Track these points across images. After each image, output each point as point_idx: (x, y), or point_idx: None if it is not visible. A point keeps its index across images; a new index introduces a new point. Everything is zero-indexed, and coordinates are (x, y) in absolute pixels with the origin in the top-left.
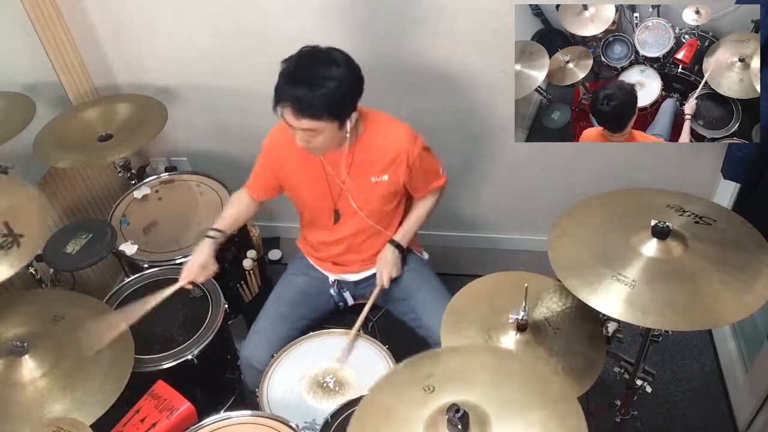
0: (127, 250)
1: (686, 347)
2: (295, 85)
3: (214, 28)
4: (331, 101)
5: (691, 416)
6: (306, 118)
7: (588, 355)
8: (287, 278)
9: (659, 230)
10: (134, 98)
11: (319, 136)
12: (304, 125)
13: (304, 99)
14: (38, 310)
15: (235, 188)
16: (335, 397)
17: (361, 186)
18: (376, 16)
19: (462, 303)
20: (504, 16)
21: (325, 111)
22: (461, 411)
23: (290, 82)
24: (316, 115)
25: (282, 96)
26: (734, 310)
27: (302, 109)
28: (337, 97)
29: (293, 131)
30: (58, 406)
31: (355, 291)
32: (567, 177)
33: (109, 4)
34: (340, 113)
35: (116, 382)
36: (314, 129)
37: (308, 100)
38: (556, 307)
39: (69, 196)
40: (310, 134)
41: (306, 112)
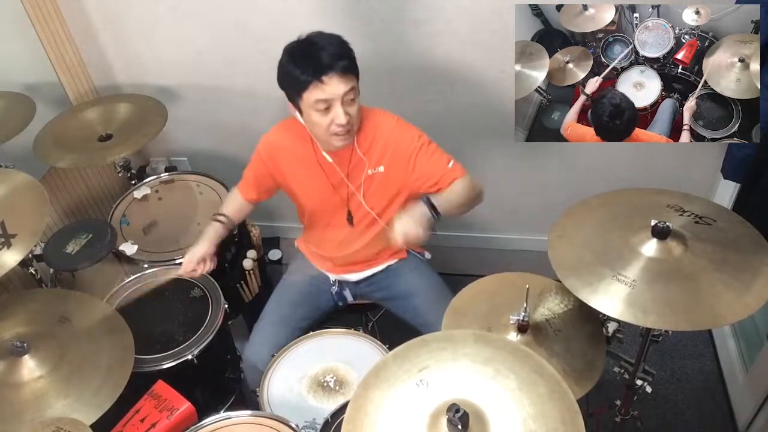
0: (127, 250)
1: (686, 347)
2: (317, 54)
3: (214, 28)
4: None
5: (691, 416)
6: (350, 74)
7: (588, 357)
8: (288, 279)
9: (659, 230)
10: (134, 98)
11: (355, 102)
12: (350, 83)
13: (337, 56)
14: (43, 310)
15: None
16: (335, 396)
17: (362, 180)
18: (376, 16)
19: (463, 303)
20: (504, 16)
21: (352, 62)
22: (461, 411)
23: (311, 57)
24: (352, 68)
25: (317, 69)
26: (734, 310)
27: (343, 65)
28: (349, 47)
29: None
30: (58, 405)
31: (355, 290)
32: (567, 177)
33: (109, 4)
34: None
35: (116, 382)
36: (354, 88)
37: (340, 54)
38: (556, 308)
39: (69, 196)
40: (351, 98)
41: (347, 66)
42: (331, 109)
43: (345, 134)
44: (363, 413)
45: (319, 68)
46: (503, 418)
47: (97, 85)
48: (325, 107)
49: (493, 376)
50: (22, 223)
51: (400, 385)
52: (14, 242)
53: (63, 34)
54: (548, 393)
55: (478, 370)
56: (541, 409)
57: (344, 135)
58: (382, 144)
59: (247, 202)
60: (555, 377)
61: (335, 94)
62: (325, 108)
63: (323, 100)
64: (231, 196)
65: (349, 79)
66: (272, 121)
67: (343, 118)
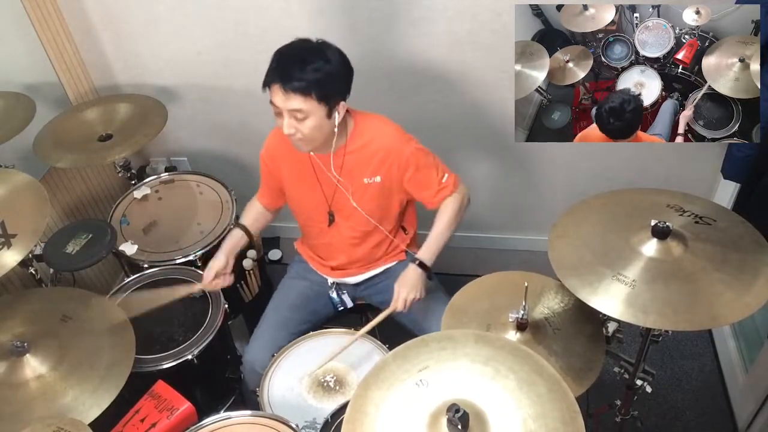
0: (127, 250)
1: (686, 347)
2: (285, 62)
3: (214, 28)
4: (320, 81)
5: (691, 416)
6: (295, 94)
7: (588, 356)
8: (287, 282)
9: (659, 230)
10: (134, 98)
11: (307, 122)
12: (293, 104)
13: (293, 74)
14: (45, 309)
15: (235, 188)
16: (336, 396)
17: (355, 188)
18: (376, 16)
19: (463, 302)
20: (504, 16)
21: (313, 88)
22: (461, 411)
23: (281, 60)
24: (305, 92)
25: (271, 74)
26: (734, 310)
27: (291, 83)
28: (327, 78)
29: (281, 121)
30: (58, 405)
31: (354, 293)
32: (567, 177)
33: (109, 4)
34: (328, 97)
35: (116, 382)
36: (302, 110)
37: (297, 74)
38: (556, 306)
39: (69, 196)
40: (299, 118)
41: (295, 87)
42: (281, 116)
43: (296, 143)
44: (363, 413)
45: (273, 75)
46: (503, 418)
47: (97, 85)
48: (276, 111)
49: (493, 375)
50: (22, 223)
51: (400, 385)
52: (14, 242)
53: (63, 34)
54: (548, 393)
55: (478, 370)
56: (541, 409)
57: (297, 142)
58: (381, 155)
59: (264, 208)
60: (555, 377)
61: (279, 105)
62: (277, 112)
63: (273, 104)
64: (250, 204)
65: (296, 100)
66: (272, 121)
67: (286, 129)
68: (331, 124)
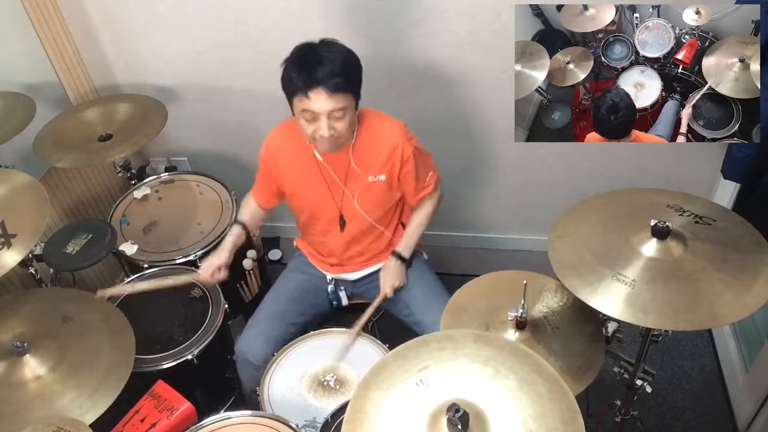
0: (127, 250)
1: (686, 347)
2: (314, 66)
3: (214, 28)
4: (349, 70)
5: (691, 416)
6: (340, 94)
7: (587, 355)
8: (286, 275)
9: (659, 230)
10: (134, 98)
11: (345, 118)
12: (339, 103)
13: (331, 74)
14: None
15: (235, 188)
16: (336, 395)
17: (360, 186)
18: (376, 16)
19: (462, 300)
20: (504, 16)
21: (348, 81)
22: (461, 411)
23: (307, 66)
24: (344, 88)
25: (307, 82)
26: (734, 310)
27: (331, 82)
28: (352, 65)
29: (314, 124)
30: (58, 405)
31: (353, 290)
32: (567, 177)
33: (109, 4)
34: (357, 84)
35: (116, 381)
36: (343, 108)
37: (336, 72)
38: (555, 305)
39: (69, 196)
40: (338, 116)
41: (338, 85)
42: (317, 120)
43: (329, 143)
44: (363, 413)
45: (308, 81)
46: (503, 418)
47: (97, 85)
48: (311, 118)
49: (493, 375)
50: (22, 223)
51: (400, 385)
52: (14, 242)
53: (63, 34)
54: (548, 393)
55: (478, 369)
56: (541, 409)
57: (328, 145)
58: (387, 153)
59: (259, 207)
60: (554, 377)
61: (320, 109)
62: (312, 118)
63: (309, 111)
64: (245, 201)
65: (339, 98)
66: (272, 121)
67: (326, 132)
68: (355, 117)
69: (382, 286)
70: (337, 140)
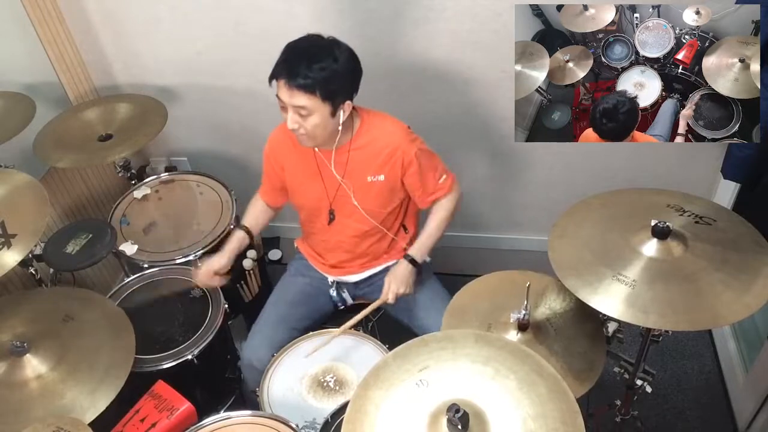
0: (127, 250)
1: (686, 347)
2: (293, 58)
3: (214, 28)
4: (326, 79)
5: (691, 416)
6: (299, 92)
7: (588, 356)
8: (287, 279)
9: (659, 230)
10: (134, 98)
11: (311, 118)
12: (297, 101)
13: (299, 71)
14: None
15: (235, 188)
16: (336, 396)
17: (358, 185)
18: (376, 16)
19: (464, 301)
20: (504, 16)
21: (318, 87)
22: (461, 411)
23: (289, 55)
24: (309, 89)
25: (278, 68)
26: (734, 310)
27: (296, 80)
28: (333, 77)
29: (286, 115)
30: (58, 405)
31: (354, 291)
32: (567, 177)
33: (109, 4)
34: (333, 96)
35: (116, 381)
36: (306, 107)
37: (303, 72)
38: (558, 307)
39: (69, 196)
40: (302, 114)
41: (300, 84)
42: (286, 110)
43: (301, 137)
44: (363, 413)
45: (279, 69)
46: (503, 418)
47: (97, 85)
48: (281, 105)
49: (493, 376)
50: (22, 223)
51: (400, 385)
52: (14, 242)
53: (63, 34)
54: (548, 393)
55: (478, 370)
56: (541, 409)
57: (301, 137)
58: (386, 153)
59: (266, 205)
60: (555, 377)
61: (284, 100)
62: (282, 106)
63: (279, 99)
64: (252, 203)
65: (300, 97)
66: (272, 121)
67: (290, 124)
68: (335, 123)
69: (385, 290)
70: (308, 138)
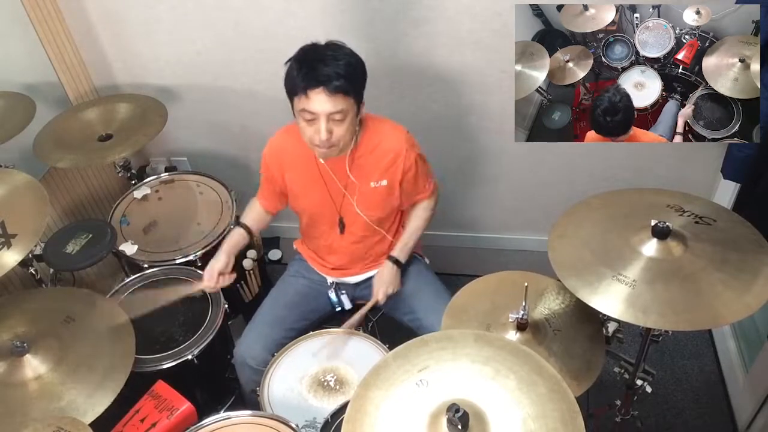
0: (127, 250)
1: (686, 347)
2: (316, 65)
3: (214, 28)
4: (352, 73)
5: (691, 416)
6: (339, 95)
7: (588, 356)
8: (286, 279)
9: (659, 230)
10: (134, 98)
11: (344, 123)
12: (337, 105)
13: (334, 74)
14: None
15: (235, 188)
16: (336, 396)
17: (362, 191)
18: (377, 17)
19: (463, 302)
20: (504, 16)
21: (350, 84)
22: (461, 411)
23: (310, 66)
24: (346, 90)
25: (308, 81)
26: (734, 310)
27: (332, 83)
28: (356, 68)
29: (313, 125)
30: (58, 405)
31: (354, 293)
32: (567, 177)
33: (109, 4)
34: (360, 93)
35: (116, 381)
36: (342, 111)
37: (339, 73)
38: (556, 307)
39: (69, 196)
40: (337, 119)
41: (338, 87)
42: (316, 122)
43: (326, 148)
44: (363, 413)
45: (309, 80)
46: (503, 418)
47: (97, 85)
48: (310, 118)
49: (493, 375)
50: (22, 223)
51: (400, 385)
52: (14, 242)
53: (63, 34)
54: (548, 393)
55: (478, 369)
56: (541, 409)
57: (325, 149)
58: (389, 159)
59: (264, 210)
60: (555, 377)
61: (319, 110)
62: (311, 119)
63: (309, 112)
64: (250, 205)
65: (339, 101)
66: (272, 122)
67: (323, 135)
68: (356, 122)
69: (375, 292)
70: (335, 145)
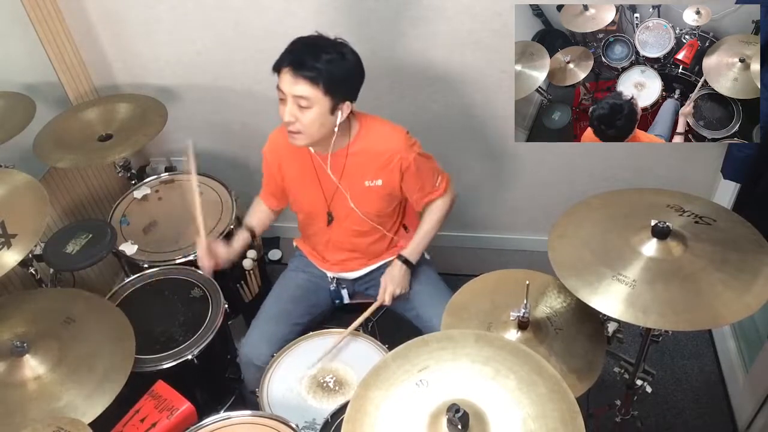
0: (127, 250)
1: (686, 347)
2: (301, 48)
3: (214, 28)
4: (331, 72)
5: (691, 416)
6: (303, 80)
7: (588, 356)
8: (287, 275)
9: (659, 230)
10: (134, 98)
11: (309, 112)
12: (299, 90)
13: (305, 60)
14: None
15: (235, 188)
16: (335, 396)
17: (355, 190)
18: (376, 16)
19: (464, 300)
20: (504, 16)
21: (322, 78)
22: (461, 411)
23: (297, 46)
24: (314, 80)
25: (284, 57)
26: (734, 310)
27: (301, 68)
28: (338, 72)
29: (284, 108)
30: (58, 405)
31: (353, 288)
32: (567, 177)
33: (109, 4)
34: (335, 91)
35: (116, 381)
36: (307, 98)
37: (310, 62)
38: (558, 306)
39: (69, 196)
40: (303, 106)
41: (305, 73)
42: (285, 102)
43: (294, 134)
44: (363, 413)
45: (284, 59)
46: (503, 418)
47: (97, 85)
48: (281, 97)
49: (493, 375)
50: (22, 223)
51: (400, 385)
52: (14, 242)
53: (63, 34)
54: (548, 393)
55: (478, 369)
56: (541, 409)
57: (293, 134)
58: (384, 158)
59: (267, 208)
60: (555, 377)
61: (286, 90)
62: (282, 98)
63: (280, 90)
64: (254, 204)
65: (304, 86)
66: (272, 122)
67: (287, 116)
68: (333, 122)
69: (381, 293)
70: (301, 133)
